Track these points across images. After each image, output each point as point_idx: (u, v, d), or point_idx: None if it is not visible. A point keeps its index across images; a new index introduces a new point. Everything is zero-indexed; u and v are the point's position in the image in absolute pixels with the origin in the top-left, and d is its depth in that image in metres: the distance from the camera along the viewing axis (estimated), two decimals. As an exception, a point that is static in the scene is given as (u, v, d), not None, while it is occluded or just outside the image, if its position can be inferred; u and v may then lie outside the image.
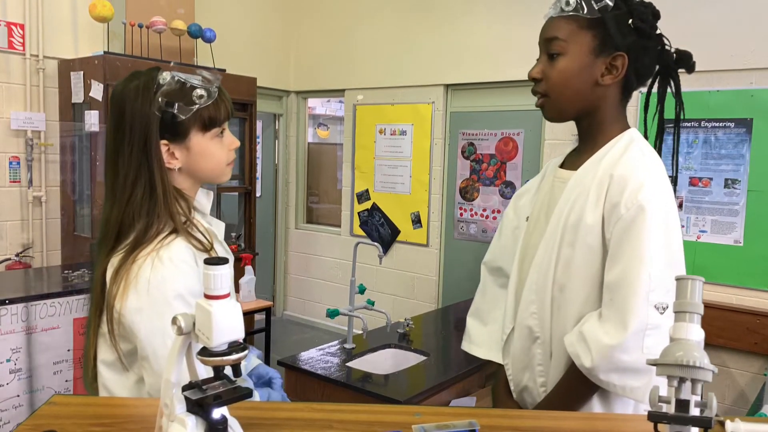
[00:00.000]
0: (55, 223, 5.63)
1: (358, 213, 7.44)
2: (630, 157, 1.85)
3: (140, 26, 5.60)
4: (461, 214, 6.61)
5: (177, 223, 1.70)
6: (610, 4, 1.82)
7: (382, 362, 3.99)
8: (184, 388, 1.11)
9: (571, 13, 1.84)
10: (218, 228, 1.92)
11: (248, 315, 5.63)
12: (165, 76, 1.70)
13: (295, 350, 4.20)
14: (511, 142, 6.26)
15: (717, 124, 5.06)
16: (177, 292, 1.62)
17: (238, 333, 1.09)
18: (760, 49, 4.88)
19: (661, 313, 1.69)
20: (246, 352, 1.11)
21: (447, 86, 6.67)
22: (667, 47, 1.94)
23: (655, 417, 1.02)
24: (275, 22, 7.74)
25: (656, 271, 1.71)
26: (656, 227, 1.74)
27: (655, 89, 2.02)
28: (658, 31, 1.91)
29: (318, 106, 10.45)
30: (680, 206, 5.24)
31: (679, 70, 1.98)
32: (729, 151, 5.02)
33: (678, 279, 1.12)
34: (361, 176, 7.39)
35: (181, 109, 1.68)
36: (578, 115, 1.96)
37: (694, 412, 1.01)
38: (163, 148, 1.72)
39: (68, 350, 4.15)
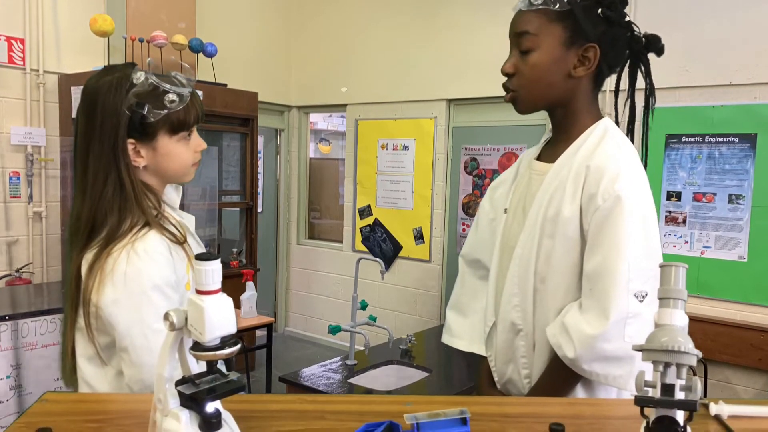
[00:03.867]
0: (55, 238, 5.60)
1: (360, 228, 7.41)
2: (605, 147, 1.86)
3: (141, 41, 5.59)
4: (464, 230, 6.58)
5: (149, 216, 1.72)
6: None
7: (384, 378, 3.97)
8: (178, 383, 1.12)
9: (540, 6, 1.84)
10: (189, 221, 1.95)
11: (249, 331, 5.60)
12: (139, 76, 1.70)
13: (296, 366, 4.18)
14: (514, 157, 6.23)
15: (721, 139, 5.04)
16: (153, 282, 1.64)
17: (231, 327, 1.11)
18: (764, 63, 4.87)
19: (641, 302, 1.71)
20: (239, 345, 1.12)
21: (449, 101, 6.66)
22: (636, 33, 1.94)
23: (641, 401, 1.04)
24: (277, 36, 7.75)
25: (635, 260, 1.73)
26: (633, 217, 1.76)
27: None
28: (627, 18, 1.91)
29: (320, 121, 10.47)
30: (684, 222, 5.23)
31: (649, 54, 1.97)
32: (733, 166, 5.00)
33: (662, 266, 1.14)
34: (363, 191, 7.38)
35: (151, 111, 1.70)
36: (550, 106, 1.98)
37: (680, 395, 1.04)
38: (130, 147, 1.73)
39: (68, 367, 4.11)
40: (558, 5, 1.82)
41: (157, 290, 1.64)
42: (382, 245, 7.18)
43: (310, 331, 8.07)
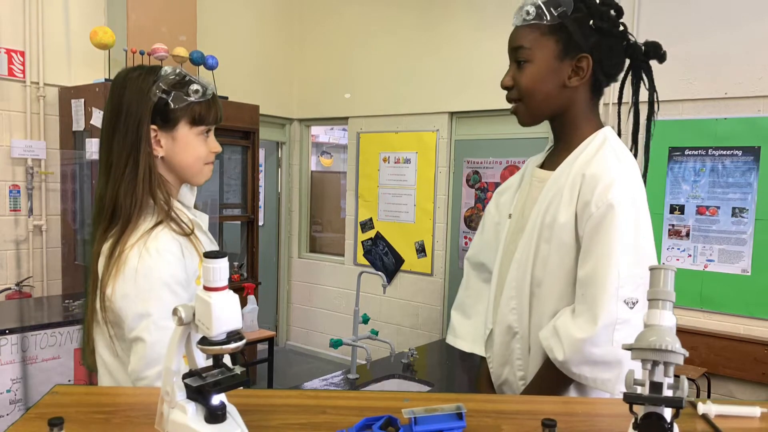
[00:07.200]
0: (55, 252, 5.59)
1: (362, 242, 7.40)
2: (602, 156, 1.91)
3: (142, 53, 5.57)
4: (466, 243, 6.56)
5: (159, 206, 1.80)
6: (570, 7, 1.88)
7: (386, 393, 3.93)
8: (185, 376, 1.17)
9: (533, 21, 1.92)
10: (203, 220, 2.03)
11: (251, 345, 5.57)
12: (167, 69, 1.82)
13: (298, 381, 4.15)
14: (516, 170, 6.20)
15: (724, 152, 5.03)
16: (163, 280, 1.72)
17: (236, 323, 1.15)
18: (767, 76, 4.85)
19: (631, 308, 1.76)
20: (244, 341, 1.17)
21: (451, 114, 6.66)
22: (633, 41, 1.99)
23: (630, 398, 1.08)
24: (278, 49, 7.76)
25: (625, 268, 1.78)
26: (625, 225, 1.80)
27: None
28: (621, 28, 1.97)
29: (321, 134, 10.46)
30: (687, 235, 5.21)
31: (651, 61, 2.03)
32: (736, 179, 4.99)
33: (651, 269, 1.16)
34: (364, 205, 7.36)
35: (177, 98, 1.80)
36: (550, 116, 2.04)
37: (667, 393, 1.07)
38: (151, 134, 1.82)
39: (69, 380, 4.11)
40: (549, 19, 1.89)
41: (166, 287, 1.71)
42: (383, 259, 7.16)
43: (312, 345, 8.05)
